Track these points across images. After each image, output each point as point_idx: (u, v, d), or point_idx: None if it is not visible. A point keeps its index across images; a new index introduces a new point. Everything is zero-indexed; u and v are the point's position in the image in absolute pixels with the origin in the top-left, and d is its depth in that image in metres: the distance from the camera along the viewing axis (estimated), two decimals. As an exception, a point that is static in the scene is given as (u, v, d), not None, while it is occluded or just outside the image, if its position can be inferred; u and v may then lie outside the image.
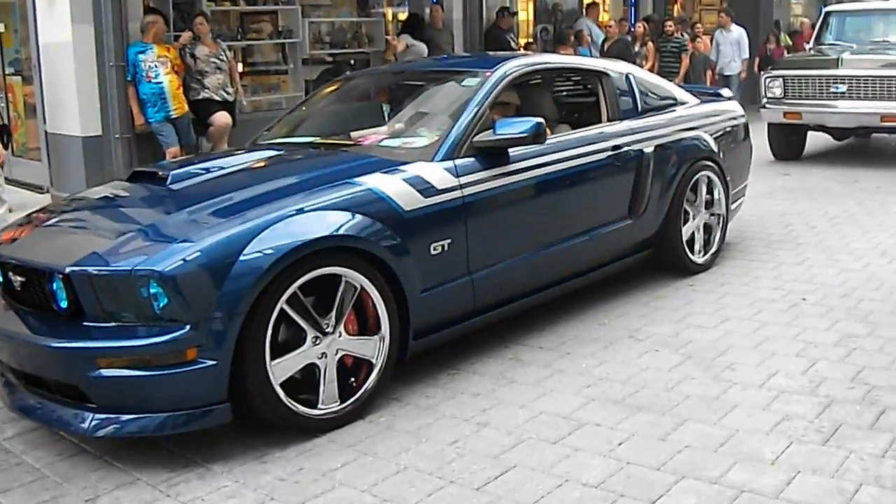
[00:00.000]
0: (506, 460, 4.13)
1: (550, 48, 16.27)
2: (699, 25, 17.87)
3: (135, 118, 9.98)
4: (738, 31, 16.96)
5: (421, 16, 13.83)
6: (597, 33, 15.86)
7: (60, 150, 10.66)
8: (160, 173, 5.23)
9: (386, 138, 5.75)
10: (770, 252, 7.69)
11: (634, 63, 11.10)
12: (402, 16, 14.24)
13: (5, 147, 7.81)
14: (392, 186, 4.83)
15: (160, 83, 9.95)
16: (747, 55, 17.16)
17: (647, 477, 3.94)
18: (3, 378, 4.78)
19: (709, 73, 16.23)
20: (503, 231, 5.36)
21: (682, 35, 16.35)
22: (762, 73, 13.28)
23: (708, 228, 7.15)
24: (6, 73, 12.07)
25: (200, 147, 10.69)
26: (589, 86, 6.89)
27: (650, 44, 15.69)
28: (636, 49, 15.44)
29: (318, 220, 4.47)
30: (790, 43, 21.27)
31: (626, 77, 6.77)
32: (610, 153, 6.15)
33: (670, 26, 16.04)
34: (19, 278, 4.60)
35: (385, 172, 4.94)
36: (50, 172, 11.01)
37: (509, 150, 5.38)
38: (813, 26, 18.32)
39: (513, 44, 14.78)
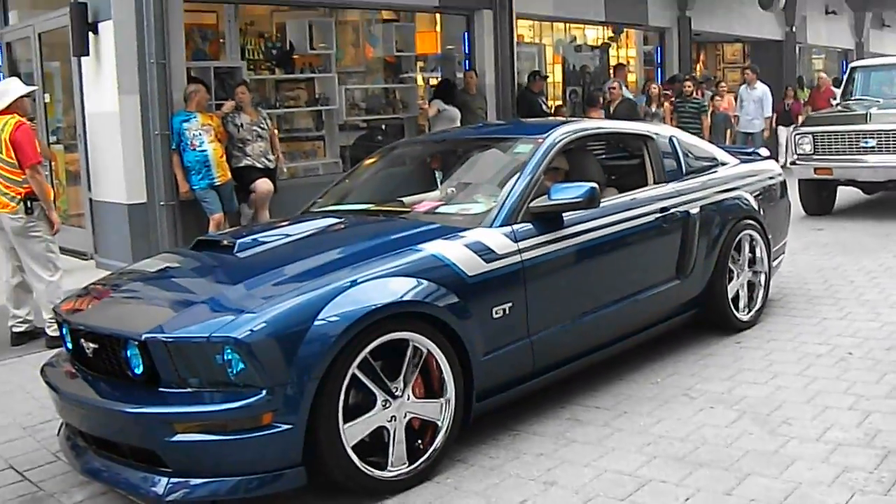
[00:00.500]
0: (576, 519, 4.18)
1: (580, 110, 16.43)
2: (723, 84, 17.93)
3: (179, 185, 10.14)
4: (762, 89, 17.01)
5: (453, 81, 14.03)
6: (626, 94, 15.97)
7: (105, 217, 10.83)
8: (226, 242, 5.36)
9: (442, 205, 5.86)
10: (812, 307, 7.73)
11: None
12: (434, 81, 14.43)
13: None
14: (454, 252, 4.93)
15: (204, 151, 10.13)
16: (770, 113, 17.35)
17: (715, 532, 3.98)
18: (70, 441, 4.88)
19: (728, 131, 16.29)
20: (559, 294, 5.45)
21: (701, 95, 16.31)
22: (793, 130, 13.36)
23: (751, 286, 7.21)
24: (49, 141, 12.24)
25: (242, 213, 10.83)
26: (635, 149, 7.00)
27: (666, 104, 15.65)
28: (652, 110, 15.38)
29: (385, 286, 4.57)
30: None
31: (671, 140, 6.89)
32: (658, 215, 6.24)
33: (689, 87, 15.93)
34: (92, 345, 4.70)
35: (446, 239, 5.04)
36: (94, 239, 11.18)
37: (563, 214, 5.48)
38: (837, 81, 18.46)
39: (544, 107, 14.97)
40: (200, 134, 10.11)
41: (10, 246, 7.88)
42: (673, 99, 15.87)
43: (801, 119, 16.78)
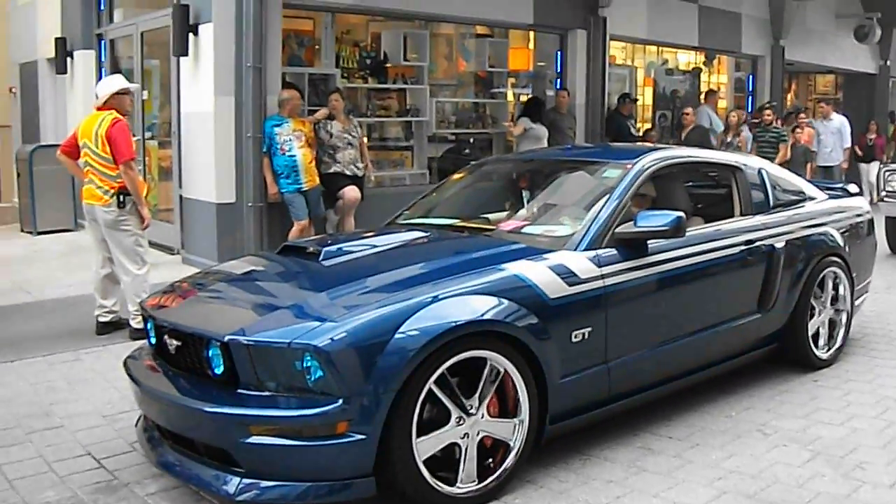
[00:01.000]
0: (644, 549, 4.17)
1: (668, 134, 16.33)
2: (803, 115, 17.24)
3: (269, 188, 10.27)
4: (839, 120, 16.64)
5: (542, 99, 14.03)
6: (716, 121, 15.77)
7: (193, 215, 11.01)
8: (311, 249, 5.42)
9: (528, 225, 5.88)
10: (893, 349, 7.60)
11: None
12: (525, 98, 14.44)
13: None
14: (537, 274, 4.94)
15: (294, 156, 10.25)
16: (849, 143, 16.94)
17: (786, 574, 3.95)
18: (147, 434, 4.98)
19: (808, 164, 15.67)
20: (640, 321, 5.44)
21: (780, 124, 15.84)
22: (882, 166, 13.13)
23: (832, 324, 7.12)
24: (144, 137, 12.50)
25: (328, 220, 10.93)
26: (723, 179, 6.95)
27: (742, 134, 15.25)
28: (729, 139, 14.98)
29: (467, 304, 4.60)
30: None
31: (759, 172, 6.84)
32: (743, 247, 6.20)
33: (769, 115, 15.30)
34: (175, 342, 4.79)
35: (530, 259, 5.06)
36: (182, 235, 11.38)
37: (648, 241, 5.47)
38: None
39: (632, 129, 14.92)
40: (291, 139, 10.24)
41: (101, 237, 8.05)
42: (754, 128, 15.57)
43: (885, 155, 16.47)
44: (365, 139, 11.50)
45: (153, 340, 5.12)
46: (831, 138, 16.60)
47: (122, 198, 7.82)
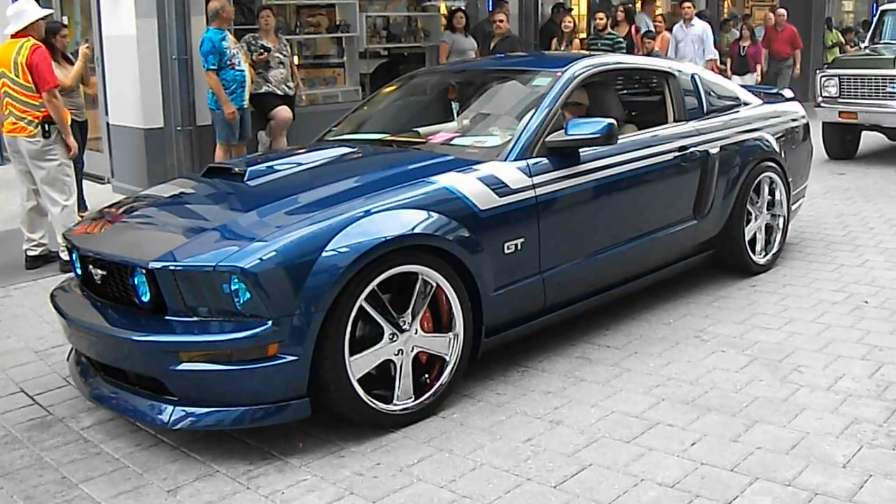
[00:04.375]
0: (581, 459, 4.16)
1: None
2: (658, 20, 15.33)
3: (225, 106, 9.75)
4: (701, 27, 14.45)
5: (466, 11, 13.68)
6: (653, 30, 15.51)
7: (122, 142, 10.82)
8: (237, 169, 5.30)
9: (457, 137, 5.79)
10: (829, 253, 7.66)
11: None
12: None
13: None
14: (467, 185, 4.88)
15: (242, 70, 9.91)
16: (714, 55, 14.56)
17: (721, 478, 3.96)
18: (79, 367, 4.89)
19: None
20: (573, 230, 5.39)
21: (634, 30, 14.57)
22: (818, 71, 13.12)
23: (769, 229, 7.14)
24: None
25: (259, 141, 10.77)
26: (655, 86, 6.90)
27: (576, 41, 13.72)
28: (562, 47, 13.43)
29: (395, 218, 4.52)
30: (842, 41, 20.81)
31: (692, 77, 6.78)
32: (677, 154, 6.16)
33: (601, 19, 13.68)
34: (100, 272, 4.69)
35: (459, 171, 4.99)
36: (111, 163, 11.18)
37: (580, 149, 5.40)
38: (866, 24, 17.85)
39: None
40: (237, 52, 9.92)
41: (25, 170, 7.86)
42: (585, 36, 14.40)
43: (759, 67, 15.74)
44: (295, 58, 11.28)
45: (79, 271, 5.00)
46: (691, 47, 14.33)
47: (46, 127, 7.63)
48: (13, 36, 7.68)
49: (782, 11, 16.66)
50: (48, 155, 7.70)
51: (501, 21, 12.42)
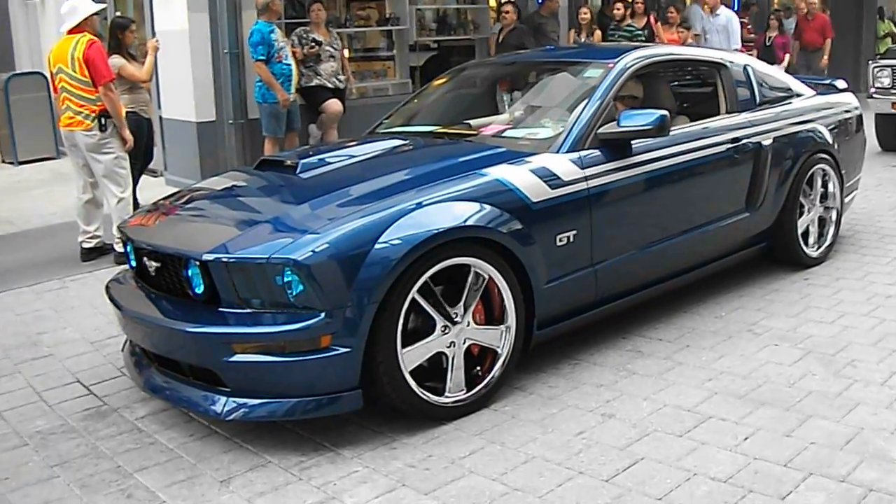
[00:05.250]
0: (633, 452, 4.14)
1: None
2: (672, 10, 14.28)
3: (279, 94, 9.92)
4: (726, 15, 14.07)
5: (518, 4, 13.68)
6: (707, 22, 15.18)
7: (174, 135, 10.91)
8: (289, 162, 5.33)
9: (509, 129, 5.78)
10: (883, 246, 7.55)
11: None
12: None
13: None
14: (519, 177, 4.86)
15: (289, 64, 10.04)
16: (738, 44, 13.96)
17: (774, 473, 3.91)
18: (133, 358, 4.94)
19: None
20: (625, 223, 5.37)
21: (654, 20, 14.00)
22: (870, 62, 12.90)
23: (822, 222, 7.05)
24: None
25: (310, 134, 10.81)
26: (707, 77, 6.84)
27: (597, 32, 13.40)
28: (582, 38, 13.28)
29: (448, 210, 4.52)
30: (894, 31, 20.38)
31: (745, 69, 6.71)
32: (729, 146, 6.10)
33: (618, 10, 13.48)
34: (154, 264, 4.73)
35: (511, 163, 4.97)
36: (164, 157, 11.27)
37: (632, 141, 5.38)
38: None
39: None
40: (284, 46, 10.02)
41: (82, 163, 7.97)
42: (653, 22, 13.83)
43: (787, 58, 15.13)
44: (345, 51, 11.31)
45: (133, 263, 5.06)
46: (716, 37, 13.94)
47: (103, 121, 7.72)
48: (69, 32, 7.77)
49: (814, 0, 16.05)
50: (105, 148, 7.79)
51: (507, 12, 12.42)
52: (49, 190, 11.85)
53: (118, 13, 12.23)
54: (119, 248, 7.66)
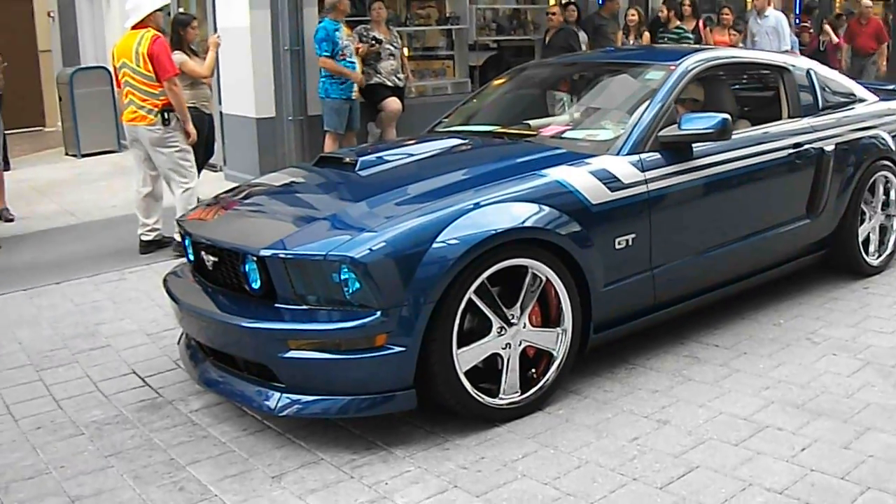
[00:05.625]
0: (688, 460, 4.09)
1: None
2: (726, 12, 13.82)
3: (353, 77, 10.12)
4: (775, 17, 13.48)
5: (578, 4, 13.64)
6: (784, 27, 14.79)
7: (234, 131, 10.98)
8: (348, 159, 5.33)
9: (568, 130, 5.75)
10: (946, 256, 7.42)
11: None
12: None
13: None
14: (579, 179, 4.83)
15: (353, 62, 10.14)
16: (789, 46, 13.35)
17: (831, 485, 3.85)
18: (189, 351, 4.98)
19: None
20: (684, 227, 5.32)
21: (701, 25, 13.66)
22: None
23: (883, 230, 6.93)
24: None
25: (369, 132, 10.84)
26: (769, 81, 6.76)
27: (646, 34, 13.20)
28: (630, 41, 13.07)
29: (506, 211, 4.49)
30: None
31: (808, 73, 6.62)
32: (791, 151, 6.02)
33: (663, 12, 13.30)
34: (212, 258, 4.76)
35: (571, 165, 4.94)
36: (224, 152, 11.35)
37: (693, 145, 5.32)
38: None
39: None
40: (349, 45, 10.10)
41: (143, 157, 8.06)
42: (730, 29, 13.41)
43: (840, 63, 14.58)
44: (405, 49, 11.34)
45: (191, 257, 5.09)
46: (766, 39, 13.35)
47: (166, 115, 7.81)
48: (132, 28, 7.85)
49: (868, 3, 15.62)
50: (168, 142, 7.88)
51: (554, 14, 12.35)
52: (110, 183, 11.99)
53: (181, 10, 12.31)
54: (180, 239, 7.74)
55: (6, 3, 18.07)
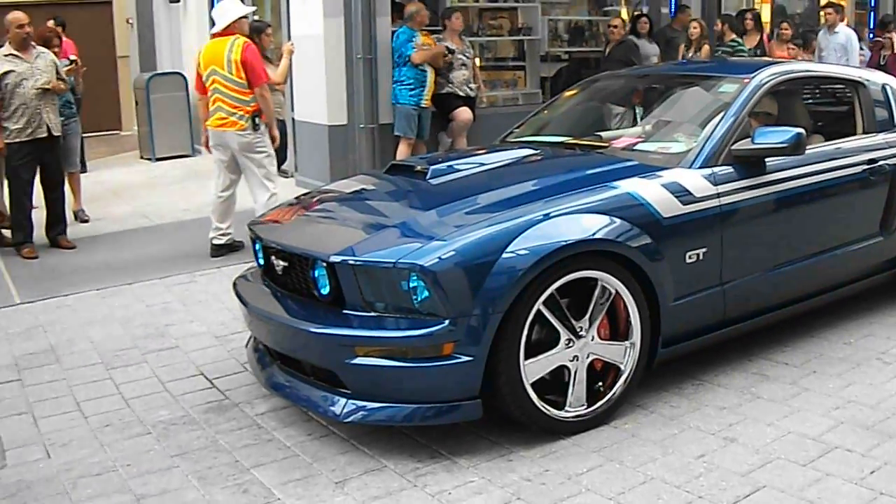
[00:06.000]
0: (755, 479, 4.04)
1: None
2: (786, 26, 13.57)
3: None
4: (844, 34, 13.22)
5: (650, 16, 13.56)
6: (854, 41, 14.58)
7: (306, 137, 11.07)
8: (419, 167, 5.35)
9: (640, 142, 5.71)
10: None
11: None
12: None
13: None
14: (650, 192, 4.79)
15: (425, 71, 10.23)
16: (857, 63, 13.05)
17: (902, 509, 3.78)
18: (257, 354, 5.02)
19: None
20: (756, 242, 5.25)
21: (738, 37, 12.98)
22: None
23: (959, 248, 6.80)
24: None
25: (440, 142, 10.87)
26: (844, 95, 6.66)
27: (706, 47, 12.74)
28: (690, 54, 12.74)
29: (577, 222, 4.48)
30: None
31: (883, 87, 6.51)
32: (865, 167, 5.92)
33: (718, 26, 12.94)
34: (282, 263, 4.80)
35: (643, 177, 4.91)
36: (295, 158, 11.45)
37: (766, 159, 5.27)
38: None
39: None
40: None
41: (227, 162, 8.16)
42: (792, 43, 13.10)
43: None
44: (476, 59, 11.36)
45: (261, 261, 5.14)
46: (833, 56, 13.02)
47: (256, 120, 7.92)
48: (220, 34, 7.94)
49: None
50: (257, 147, 8.00)
51: (615, 27, 12.27)
52: (183, 186, 12.15)
53: (256, 17, 12.45)
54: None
55: (87, 10, 18.40)
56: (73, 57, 11.47)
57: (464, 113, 10.58)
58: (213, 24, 8.22)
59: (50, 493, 4.18)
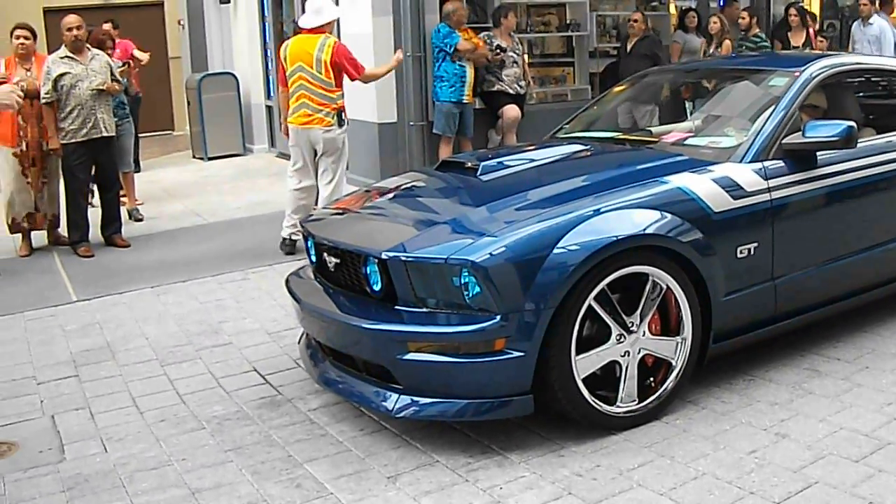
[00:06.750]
0: (806, 475, 4.02)
1: (836, 45, 15.45)
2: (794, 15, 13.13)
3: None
4: (878, 26, 12.80)
5: (697, 10, 13.44)
6: (890, 35, 14.45)
7: (356, 135, 11.05)
8: (470, 164, 5.38)
9: (690, 137, 5.70)
10: None
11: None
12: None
13: None
14: (701, 186, 4.78)
15: (464, 66, 10.24)
16: (892, 55, 12.46)
17: (956, 506, 3.75)
18: (309, 350, 5.06)
19: None
20: (807, 237, 5.21)
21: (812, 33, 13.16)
22: None
23: None
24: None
25: (490, 139, 10.88)
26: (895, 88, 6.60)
27: (727, 42, 12.39)
28: (711, 50, 12.49)
29: (627, 217, 4.48)
30: None
31: (936, 80, 6.46)
32: (918, 160, 5.86)
33: (744, 19, 12.65)
34: (334, 260, 4.84)
35: (693, 172, 4.89)
36: (346, 156, 11.49)
37: (817, 153, 5.23)
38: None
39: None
40: None
41: (309, 158, 8.23)
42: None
43: None
44: (526, 56, 11.36)
45: (313, 258, 5.18)
46: (867, 48, 12.69)
47: (342, 116, 8.06)
48: (310, 31, 8.04)
49: None
50: (340, 142, 8.12)
51: (636, 21, 12.18)
52: (235, 185, 12.28)
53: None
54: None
55: (139, 11, 18.63)
56: (136, 52, 11.68)
57: (512, 110, 10.58)
58: (302, 13, 8.27)
59: (107, 487, 4.26)
